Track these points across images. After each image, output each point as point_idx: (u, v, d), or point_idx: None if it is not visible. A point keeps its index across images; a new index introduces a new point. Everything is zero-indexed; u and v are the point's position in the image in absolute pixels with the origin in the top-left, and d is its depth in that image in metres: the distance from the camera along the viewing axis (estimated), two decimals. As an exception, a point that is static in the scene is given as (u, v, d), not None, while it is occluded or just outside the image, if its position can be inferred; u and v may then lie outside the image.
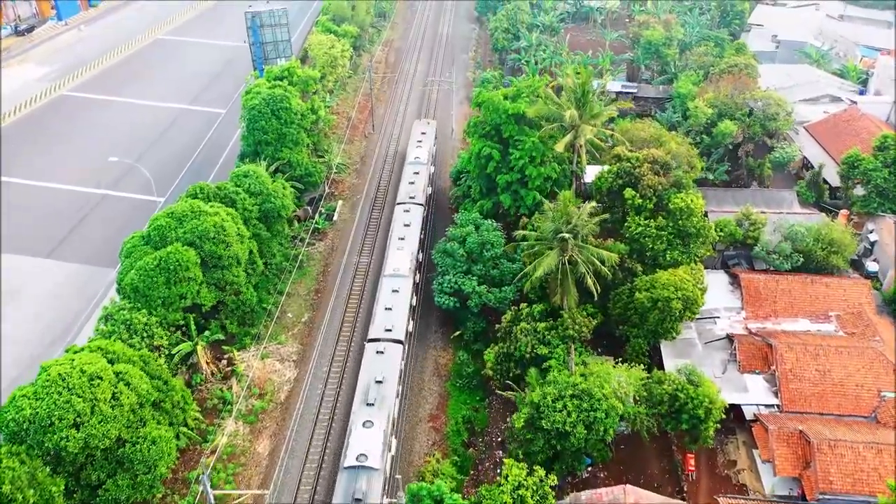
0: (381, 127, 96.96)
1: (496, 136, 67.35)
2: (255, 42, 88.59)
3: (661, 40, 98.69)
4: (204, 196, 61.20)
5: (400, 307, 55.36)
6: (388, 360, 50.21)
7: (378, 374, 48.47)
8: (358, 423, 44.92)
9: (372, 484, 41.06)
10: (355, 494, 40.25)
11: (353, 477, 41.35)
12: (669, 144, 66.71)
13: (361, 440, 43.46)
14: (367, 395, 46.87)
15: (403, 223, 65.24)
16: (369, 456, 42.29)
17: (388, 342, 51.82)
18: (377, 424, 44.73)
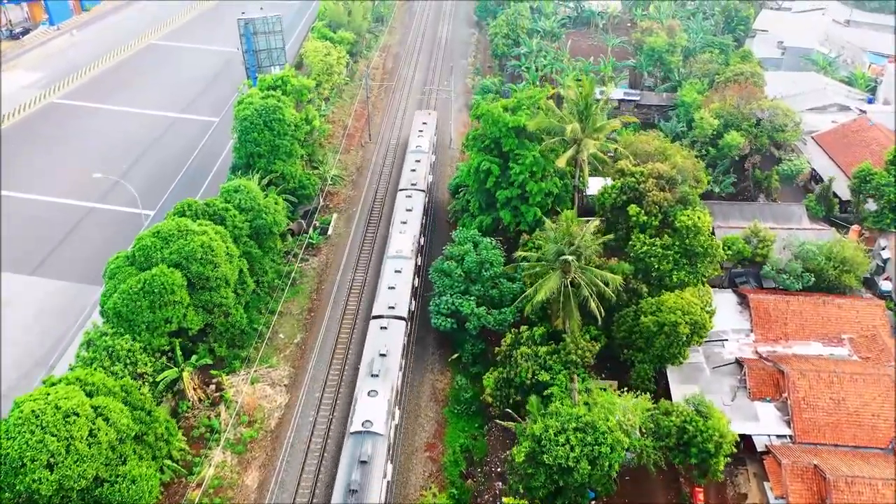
0: (377, 136, 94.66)
1: (496, 150, 65.08)
2: (248, 50, 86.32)
3: (665, 47, 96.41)
4: (192, 213, 58.92)
5: (403, 286, 57.98)
6: (391, 335, 53.02)
7: (382, 347, 51.17)
8: (363, 392, 47.46)
9: (377, 448, 43.86)
10: (361, 457, 43.03)
11: (359, 441, 44.06)
12: (675, 158, 64.42)
13: (367, 408, 46.08)
14: (372, 367, 49.56)
15: (406, 208, 67.79)
16: (374, 422, 44.96)
17: (391, 318, 54.51)
18: (381, 394, 47.32)
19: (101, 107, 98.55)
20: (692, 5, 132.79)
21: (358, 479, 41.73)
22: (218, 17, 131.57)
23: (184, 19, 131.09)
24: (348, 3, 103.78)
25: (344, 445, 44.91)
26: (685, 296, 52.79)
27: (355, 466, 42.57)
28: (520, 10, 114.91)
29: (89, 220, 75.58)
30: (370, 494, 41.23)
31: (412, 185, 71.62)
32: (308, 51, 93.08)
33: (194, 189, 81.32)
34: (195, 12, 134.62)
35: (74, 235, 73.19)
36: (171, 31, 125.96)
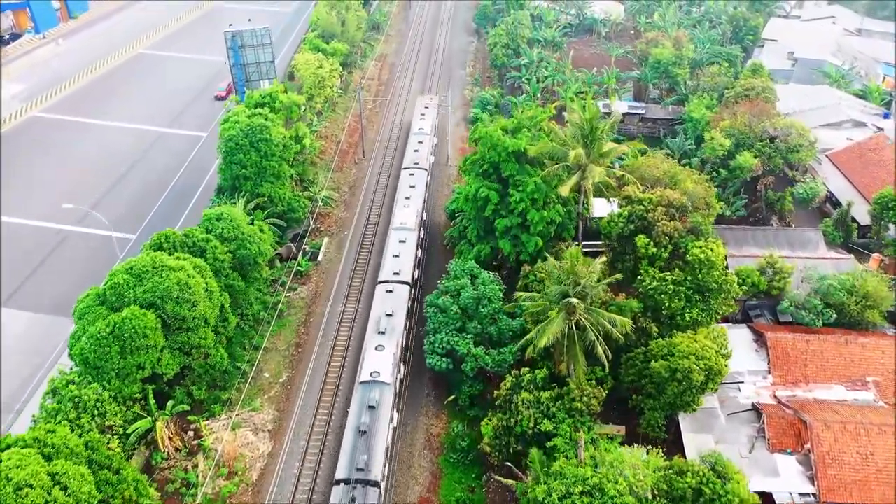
0: (372, 152, 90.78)
1: (494, 175, 61.22)
2: (235, 63, 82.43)
3: (671, 59, 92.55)
4: (169, 245, 55.06)
5: (406, 255, 62.19)
6: (396, 297, 57.32)
7: (388, 308, 55.67)
8: (371, 347, 51.90)
9: (384, 394, 48.21)
10: (369, 402, 47.40)
11: (367, 389, 48.50)
12: (685, 184, 60.63)
13: (374, 361, 50.56)
14: (379, 325, 53.82)
15: (409, 185, 72.84)
16: (381, 373, 49.34)
17: (396, 283, 58.85)
18: (388, 348, 51.81)
19: (85, 121, 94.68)
20: (697, 12, 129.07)
21: (367, 422, 46.22)
22: (209, 24, 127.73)
23: (174, 27, 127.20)
24: (342, 13, 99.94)
25: (353, 393, 49.35)
26: (699, 338, 48.97)
27: (364, 410, 47.05)
28: (520, 18, 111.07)
29: (67, 244, 71.71)
30: (378, 434, 45.84)
31: (415, 164, 76.18)
32: (299, 63, 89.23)
33: (179, 209, 77.56)
34: (186, 20, 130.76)
35: (51, 262, 69.34)
36: (161, 39, 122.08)
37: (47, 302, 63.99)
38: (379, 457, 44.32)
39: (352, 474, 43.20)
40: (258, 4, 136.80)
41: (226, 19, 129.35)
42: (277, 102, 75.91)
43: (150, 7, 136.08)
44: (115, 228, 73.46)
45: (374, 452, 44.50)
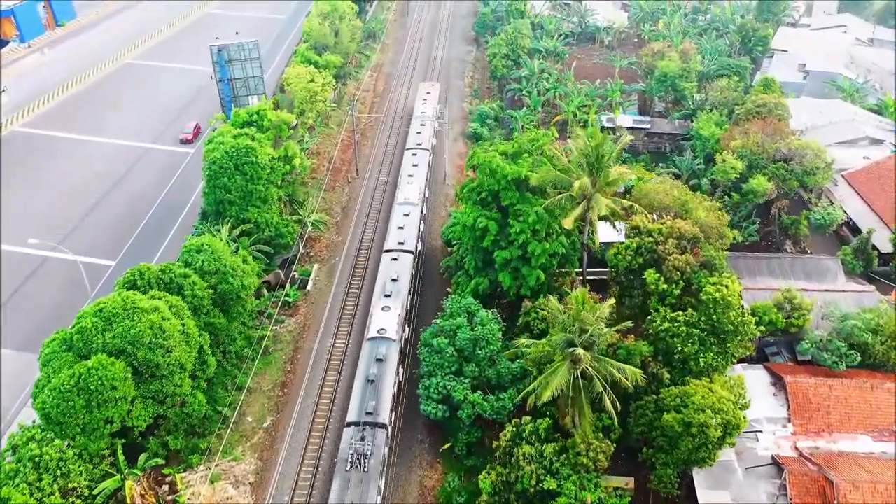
0: (366, 170, 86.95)
1: (493, 203, 57.42)
2: (222, 79, 78.60)
3: (678, 72, 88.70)
4: (144, 282, 51.23)
5: (410, 226, 66.07)
6: (401, 264, 61.33)
7: (393, 274, 59.68)
8: (378, 308, 55.83)
9: (390, 349, 52.32)
10: (377, 356, 51.48)
11: (375, 344, 52.56)
12: (697, 213, 56.81)
13: (381, 320, 54.53)
14: (385, 288, 58.07)
15: (412, 164, 76.61)
16: (388, 330, 53.41)
17: (400, 252, 62.79)
18: (393, 309, 55.58)
19: (68, 136, 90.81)
20: (703, 20, 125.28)
21: (375, 372, 50.23)
22: (200, 32, 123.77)
23: (163, 35, 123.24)
24: (335, 24, 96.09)
25: (363, 349, 53.04)
26: (715, 388, 45.24)
27: (373, 363, 50.96)
28: (520, 27, 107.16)
29: (42, 272, 67.89)
30: (385, 383, 49.80)
31: (417, 146, 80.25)
32: (290, 77, 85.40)
33: (163, 232, 73.77)
34: (176, 28, 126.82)
35: (26, 290, 65.54)
36: (150, 48, 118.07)
37: (20, 337, 60.20)
38: (386, 403, 48.31)
39: (362, 417, 47.20)
40: (250, 10, 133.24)
41: (217, 26, 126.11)
42: (266, 121, 72.12)
43: (140, 14, 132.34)
44: (93, 254, 69.92)
45: (382, 399, 48.57)
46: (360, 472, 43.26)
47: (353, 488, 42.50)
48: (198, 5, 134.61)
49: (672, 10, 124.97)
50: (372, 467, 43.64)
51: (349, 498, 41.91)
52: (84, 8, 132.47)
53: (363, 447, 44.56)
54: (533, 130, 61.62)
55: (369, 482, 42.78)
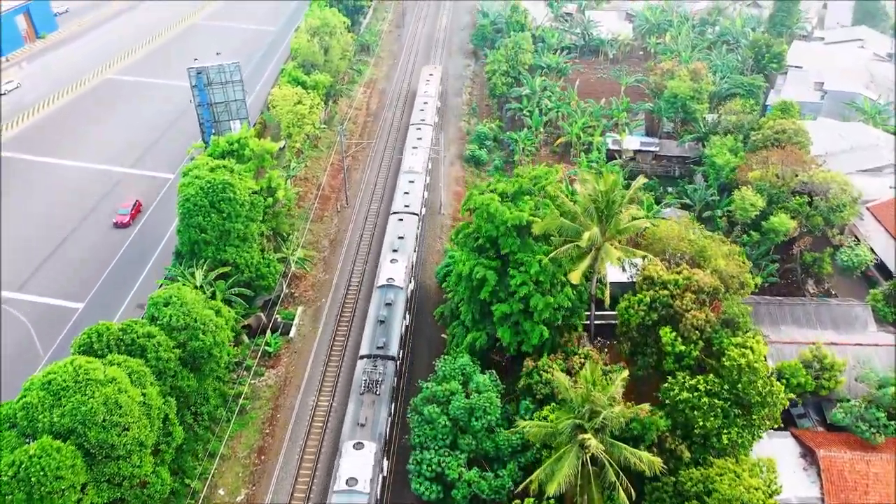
0: (356, 198, 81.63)
1: (492, 249, 52.11)
2: (202, 103, 73.32)
3: (689, 93, 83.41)
4: (102, 345, 45.94)
5: (415, 192, 72.34)
6: (406, 225, 67.58)
7: (400, 232, 66.09)
8: (386, 261, 61.90)
9: (398, 296, 57.92)
10: (386, 301, 57.05)
11: (384, 291, 58.30)
12: (716, 260, 51.50)
13: (389, 270, 60.19)
14: (393, 245, 64.21)
15: (416, 137, 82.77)
16: (395, 279, 59.01)
17: (406, 214, 68.85)
18: (401, 261, 61.37)
19: (41, 160, 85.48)
20: (712, 32, 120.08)
21: (385, 314, 55.84)
22: (185, 45, 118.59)
23: (147, 48, 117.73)
24: (325, 40, 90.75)
25: (373, 296, 58.46)
26: (742, 475, 40.00)
27: (382, 306, 56.37)
28: (520, 41, 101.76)
29: (5, 315, 62.59)
30: (394, 324, 55.19)
31: (421, 121, 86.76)
32: (276, 98, 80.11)
33: (137, 269, 68.61)
34: (161, 40, 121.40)
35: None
36: (133, 62, 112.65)
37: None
38: (395, 340, 53.85)
39: (373, 350, 52.78)
40: (240, 22, 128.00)
41: (204, 38, 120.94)
42: (247, 150, 66.85)
43: (124, 25, 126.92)
44: (60, 295, 64.78)
45: (391, 336, 54.26)
46: (373, 395, 49.31)
47: (366, 408, 48.46)
48: (187, 13, 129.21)
49: (679, 21, 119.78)
50: (383, 391, 49.86)
51: (363, 414, 47.87)
52: (91, 9, 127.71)
53: (375, 375, 50.68)
54: (534, 168, 56.16)
55: (381, 403, 49.04)
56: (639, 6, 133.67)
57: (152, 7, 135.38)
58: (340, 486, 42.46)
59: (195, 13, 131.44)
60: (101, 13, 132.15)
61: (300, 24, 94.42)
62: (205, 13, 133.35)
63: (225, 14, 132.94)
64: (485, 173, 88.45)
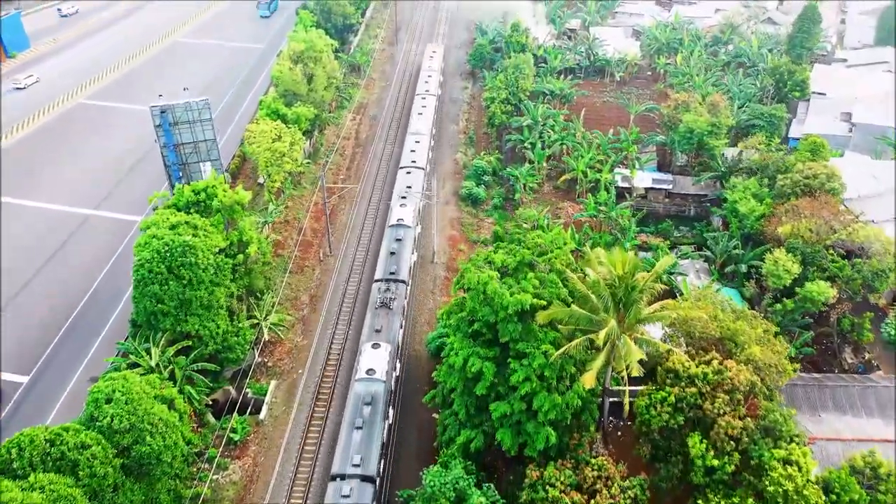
0: (340, 245, 74.21)
1: (489, 332, 44.79)
2: (167, 144, 65.90)
3: (706, 128, 76.04)
4: (24, 462, 38.52)
5: (421, 151, 78.67)
6: (413, 177, 74.36)
7: (408, 183, 73.07)
8: (398, 204, 69.56)
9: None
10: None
11: (394, 231, 66.78)
12: (750, 349, 44.17)
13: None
14: (401, 194, 70.64)
15: (421, 105, 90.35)
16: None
17: (413, 168, 76.31)
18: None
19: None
20: (725, 51, 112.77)
21: (395, 247, 63.71)
22: (166, 64, 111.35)
23: (124, 69, 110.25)
24: (308, 67, 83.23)
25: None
26: None
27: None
28: (521, 65, 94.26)
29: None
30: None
31: (427, 92, 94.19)
32: (253, 135, 72.69)
33: (92, 334, 61.23)
34: (141, 58, 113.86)
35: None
36: (107, 85, 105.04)
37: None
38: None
39: (386, 275, 60.76)
40: (224, 39, 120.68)
41: (184, 58, 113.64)
42: (215, 201, 59.48)
43: (101, 43, 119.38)
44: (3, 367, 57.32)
45: (402, 264, 62.13)
46: (387, 310, 56.32)
47: (381, 318, 55.63)
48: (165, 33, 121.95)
49: (690, 40, 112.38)
50: (395, 307, 56.74)
51: (379, 322, 55.00)
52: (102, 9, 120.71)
53: (388, 295, 57.53)
54: (540, 234, 48.86)
55: (394, 315, 56.29)
56: (646, 21, 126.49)
57: (160, 7, 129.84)
58: (361, 375, 49.89)
59: (175, 30, 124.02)
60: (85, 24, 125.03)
61: (282, 49, 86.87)
62: (188, 29, 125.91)
63: (210, 30, 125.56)
64: (483, 213, 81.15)
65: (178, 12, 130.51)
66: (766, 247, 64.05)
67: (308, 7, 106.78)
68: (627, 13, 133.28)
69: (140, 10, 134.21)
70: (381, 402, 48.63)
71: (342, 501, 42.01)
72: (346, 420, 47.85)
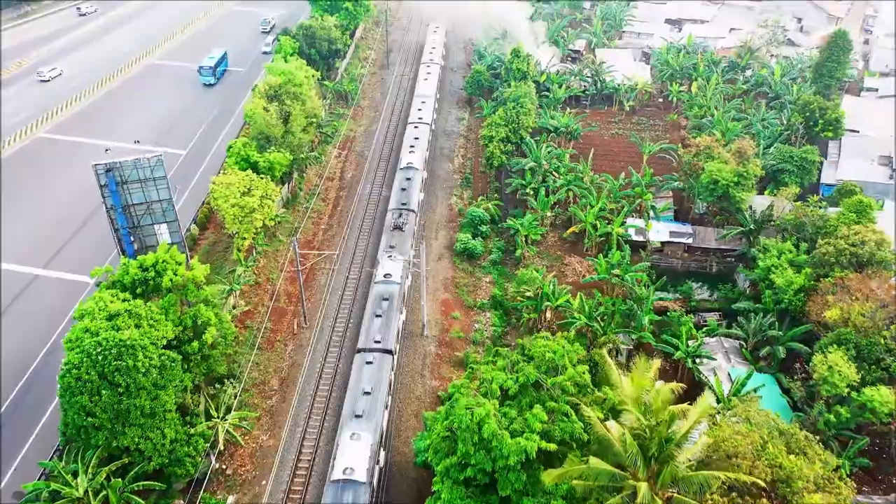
0: (319, 310, 65.43)
1: (485, 477, 36.03)
2: (115, 205, 57.07)
3: (733, 178, 67.34)
4: None
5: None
6: (419, 133, 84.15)
7: (410, 159, 78.35)
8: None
9: (415, 177, 75.73)
10: (397, 223, 68.13)
11: (403, 173, 77.01)
12: (810, 497, 35.43)
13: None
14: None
15: (424, 78, 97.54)
16: (409, 202, 71.46)
17: (418, 128, 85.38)
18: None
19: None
20: (744, 77, 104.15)
21: (403, 202, 71.49)
22: (142, 89, 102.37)
23: (96, 95, 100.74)
24: (286, 105, 74.17)
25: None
26: None
27: (392, 225, 67.61)
28: (521, 98, 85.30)
29: None
30: (408, 230, 67.22)
31: (431, 61, 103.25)
32: (218, 189, 63.84)
33: (24, 431, 52.37)
34: (113, 83, 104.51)
35: None
36: (70, 116, 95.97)
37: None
38: (414, 201, 70.91)
39: (399, 206, 70.69)
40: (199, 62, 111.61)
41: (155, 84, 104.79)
42: (166, 278, 50.73)
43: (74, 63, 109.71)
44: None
45: (411, 199, 71.37)
46: (399, 232, 64.59)
47: (395, 238, 63.52)
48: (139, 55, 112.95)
49: (706, 66, 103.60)
50: (407, 229, 65.98)
51: (394, 240, 63.19)
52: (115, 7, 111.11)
53: (401, 219, 66.23)
54: (547, 343, 40.20)
55: (406, 236, 65.48)
56: (656, 42, 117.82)
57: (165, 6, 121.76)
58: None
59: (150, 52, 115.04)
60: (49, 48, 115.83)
61: (257, 83, 77.88)
62: (161, 52, 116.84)
63: (187, 51, 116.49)
64: (480, 270, 72.42)
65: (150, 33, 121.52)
66: (806, 326, 55.55)
67: (289, 32, 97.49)
68: (636, 33, 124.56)
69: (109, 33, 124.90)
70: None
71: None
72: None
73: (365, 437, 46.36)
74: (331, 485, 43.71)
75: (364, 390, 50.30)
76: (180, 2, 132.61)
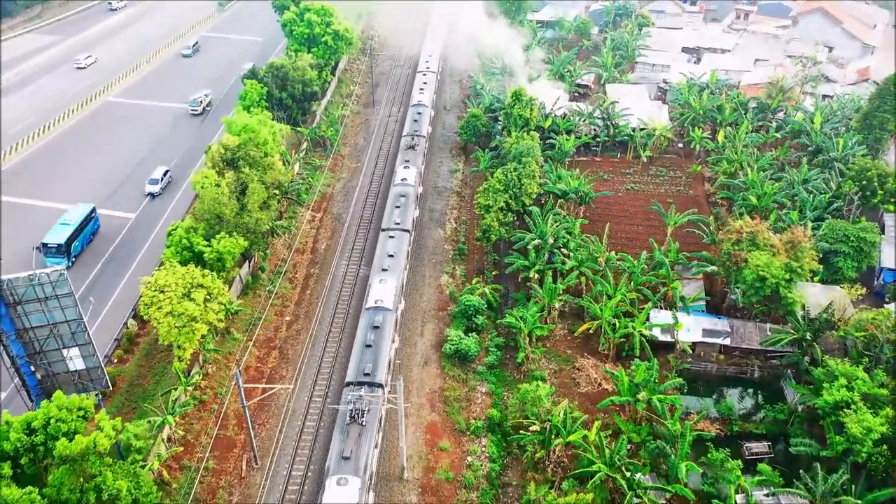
0: (275, 441, 53.01)
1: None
2: (8, 330, 44.80)
3: (783, 275, 55.06)
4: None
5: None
6: (422, 114, 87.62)
7: (411, 140, 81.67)
8: (401, 167, 75.43)
9: (418, 149, 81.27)
10: (400, 200, 70.60)
11: (406, 140, 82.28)
12: None
13: (403, 175, 74.44)
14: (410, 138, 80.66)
15: (423, 81, 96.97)
16: (407, 178, 74.46)
17: (422, 105, 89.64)
18: (418, 161, 77.40)
19: None
20: (775, 120, 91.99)
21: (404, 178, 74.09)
22: (97, 134, 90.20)
23: (41, 141, 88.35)
24: (242, 173, 61.27)
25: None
26: None
27: (398, 196, 71.47)
28: (524, 158, 72.59)
29: None
30: (411, 201, 71.45)
31: (427, 69, 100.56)
32: (148, 292, 51.40)
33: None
34: (61, 127, 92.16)
35: None
36: (20, 160, 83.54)
37: None
38: (413, 175, 74.65)
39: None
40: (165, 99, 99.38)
41: (119, 124, 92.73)
42: (59, 444, 38.45)
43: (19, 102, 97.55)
44: None
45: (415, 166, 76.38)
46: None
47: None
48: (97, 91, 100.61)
49: (732, 108, 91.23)
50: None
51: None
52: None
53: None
54: None
55: (409, 203, 70.32)
56: (673, 77, 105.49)
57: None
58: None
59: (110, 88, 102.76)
60: None
61: (211, 145, 65.08)
62: (124, 86, 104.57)
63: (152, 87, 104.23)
64: (474, 376, 60.11)
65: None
66: (891, 491, 43.32)
67: (257, 74, 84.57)
68: (650, 64, 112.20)
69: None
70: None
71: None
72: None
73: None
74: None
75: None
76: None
